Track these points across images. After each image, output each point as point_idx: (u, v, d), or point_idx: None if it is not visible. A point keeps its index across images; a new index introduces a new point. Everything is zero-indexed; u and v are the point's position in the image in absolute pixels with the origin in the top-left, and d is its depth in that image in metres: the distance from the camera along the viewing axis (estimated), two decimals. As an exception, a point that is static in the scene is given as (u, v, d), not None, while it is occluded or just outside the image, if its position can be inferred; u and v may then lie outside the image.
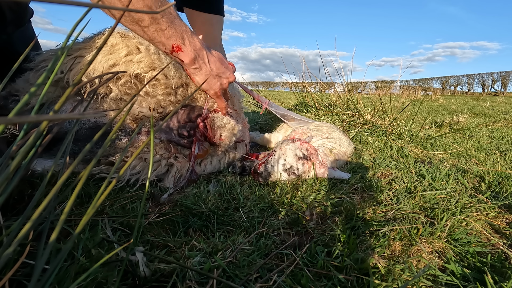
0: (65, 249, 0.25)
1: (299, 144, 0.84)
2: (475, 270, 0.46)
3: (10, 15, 0.78)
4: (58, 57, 0.28)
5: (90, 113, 0.15)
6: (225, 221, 0.59)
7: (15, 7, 0.79)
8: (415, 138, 1.34)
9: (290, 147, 0.83)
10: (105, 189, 0.27)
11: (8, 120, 0.12)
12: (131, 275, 0.41)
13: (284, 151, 0.82)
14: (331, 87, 2.39)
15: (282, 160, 0.81)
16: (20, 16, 0.84)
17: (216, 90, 0.77)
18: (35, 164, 0.66)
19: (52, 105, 0.75)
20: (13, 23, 0.82)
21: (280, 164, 0.80)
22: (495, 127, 1.89)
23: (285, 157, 0.81)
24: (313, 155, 0.83)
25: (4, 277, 0.30)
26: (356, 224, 0.57)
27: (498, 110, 3.31)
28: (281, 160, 0.81)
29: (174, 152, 0.80)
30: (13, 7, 0.78)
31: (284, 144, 0.84)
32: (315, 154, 0.84)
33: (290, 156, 0.81)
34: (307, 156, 0.82)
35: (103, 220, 0.53)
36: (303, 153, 0.82)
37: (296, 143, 0.84)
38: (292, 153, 0.81)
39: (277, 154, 0.82)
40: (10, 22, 0.80)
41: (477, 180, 0.86)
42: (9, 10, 0.77)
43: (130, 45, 0.74)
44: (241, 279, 0.42)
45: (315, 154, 0.84)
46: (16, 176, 0.24)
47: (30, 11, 0.90)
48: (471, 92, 14.45)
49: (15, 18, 0.81)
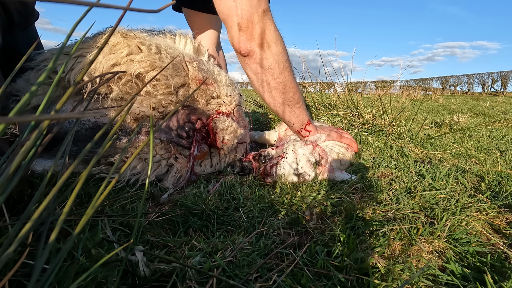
0: (65, 249, 0.25)
1: (312, 148, 0.83)
2: (475, 270, 0.46)
3: (18, 18, 0.79)
4: (59, 57, 0.28)
5: (90, 112, 0.15)
6: (225, 221, 0.59)
7: (22, 11, 0.79)
8: (415, 138, 1.34)
9: (304, 151, 0.81)
10: (104, 189, 0.27)
11: (8, 120, 0.12)
12: (131, 275, 0.41)
13: (297, 155, 0.81)
14: (331, 87, 2.39)
15: (295, 164, 0.79)
16: (26, 19, 0.84)
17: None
18: (35, 164, 0.66)
19: (52, 105, 0.75)
20: (19, 26, 0.82)
21: (292, 168, 0.79)
22: (495, 127, 1.89)
23: (298, 161, 0.80)
24: (323, 159, 0.82)
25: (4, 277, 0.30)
26: (356, 224, 0.57)
27: (498, 110, 3.31)
28: (294, 164, 0.79)
29: (174, 152, 0.80)
30: (20, 10, 0.78)
31: (297, 147, 0.83)
32: (325, 158, 0.83)
33: (303, 161, 0.80)
34: (319, 161, 0.81)
35: (103, 220, 0.53)
36: (316, 158, 0.81)
37: (309, 147, 0.83)
38: (306, 158, 0.80)
39: (290, 157, 0.81)
40: (17, 25, 0.80)
41: (477, 180, 0.86)
42: (17, 13, 0.77)
43: (131, 45, 0.74)
44: (241, 279, 0.42)
45: (325, 158, 0.83)
46: (16, 176, 0.24)
47: (36, 13, 0.90)
48: (471, 92, 14.46)
49: (21, 21, 0.82)
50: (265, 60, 0.79)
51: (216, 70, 0.88)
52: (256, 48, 0.78)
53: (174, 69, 0.78)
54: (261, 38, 0.76)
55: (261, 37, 0.76)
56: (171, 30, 0.94)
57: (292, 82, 0.86)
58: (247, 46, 0.77)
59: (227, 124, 0.80)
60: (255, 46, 0.77)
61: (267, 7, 0.75)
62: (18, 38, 0.85)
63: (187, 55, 0.84)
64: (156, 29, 0.92)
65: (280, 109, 0.90)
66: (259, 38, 0.76)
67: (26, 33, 0.88)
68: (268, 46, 0.78)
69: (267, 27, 0.76)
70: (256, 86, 0.88)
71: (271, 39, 0.78)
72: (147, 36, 0.78)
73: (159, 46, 0.77)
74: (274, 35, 0.78)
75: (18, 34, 0.85)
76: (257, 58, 0.79)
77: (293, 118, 0.93)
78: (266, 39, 0.77)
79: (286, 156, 0.81)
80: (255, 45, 0.77)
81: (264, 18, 0.75)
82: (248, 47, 0.77)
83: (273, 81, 0.83)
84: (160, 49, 0.77)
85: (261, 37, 0.76)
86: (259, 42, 0.77)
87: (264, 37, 0.76)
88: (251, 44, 0.77)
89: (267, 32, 0.76)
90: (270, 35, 0.77)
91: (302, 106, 0.93)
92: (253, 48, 0.78)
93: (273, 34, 0.78)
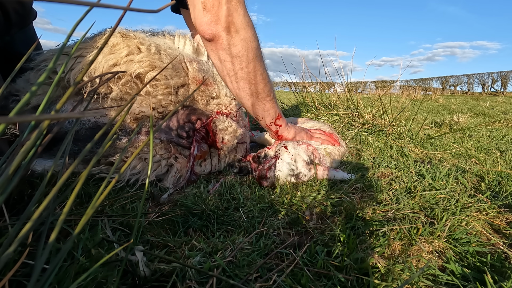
0: (65, 249, 0.25)
1: (306, 147, 0.82)
2: (475, 270, 0.46)
3: (15, 17, 0.79)
4: (59, 58, 0.28)
5: (90, 112, 0.15)
6: (225, 221, 0.59)
7: (20, 10, 0.79)
8: (415, 138, 1.34)
9: (298, 151, 0.80)
10: (104, 189, 0.27)
11: (8, 120, 0.12)
12: (131, 275, 0.41)
13: (292, 156, 0.80)
14: (331, 87, 2.39)
15: (291, 165, 0.78)
16: (24, 18, 0.84)
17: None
18: (35, 164, 0.66)
19: (52, 105, 0.75)
20: (17, 26, 0.82)
21: (288, 169, 0.78)
22: (495, 127, 1.89)
23: (293, 162, 0.79)
24: (316, 158, 0.82)
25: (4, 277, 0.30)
26: (356, 224, 0.57)
27: (498, 110, 3.31)
28: (290, 165, 0.79)
29: (174, 152, 0.80)
30: (18, 9, 0.78)
31: (290, 147, 0.82)
32: (318, 156, 0.83)
33: (299, 162, 0.79)
34: (313, 160, 0.81)
35: (103, 220, 0.53)
36: (309, 157, 0.80)
37: (302, 147, 0.82)
38: (301, 158, 0.79)
39: (284, 158, 0.80)
40: (15, 24, 0.80)
41: (477, 180, 0.86)
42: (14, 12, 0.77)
43: (131, 45, 0.74)
44: (241, 279, 0.42)
45: (318, 156, 0.83)
46: (16, 176, 0.24)
47: (34, 13, 0.90)
48: (471, 92, 14.47)
49: (19, 21, 0.82)
50: (232, 47, 0.72)
51: (215, 70, 0.88)
52: (222, 32, 0.69)
53: (174, 69, 0.78)
54: (227, 21, 0.68)
55: (228, 20, 0.68)
56: (170, 30, 0.94)
57: (263, 73, 0.79)
58: (212, 29, 0.69)
59: (227, 124, 0.80)
60: (220, 29, 0.69)
61: None
62: (16, 37, 0.85)
63: (186, 55, 0.84)
64: (155, 29, 0.92)
65: (248, 102, 0.83)
66: (225, 21, 0.68)
67: (24, 32, 0.88)
68: (236, 31, 0.70)
69: (235, 10, 0.68)
70: (222, 75, 0.80)
71: (240, 23, 0.69)
72: (146, 37, 0.78)
73: (158, 47, 0.77)
74: (243, 20, 0.70)
75: (16, 34, 0.85)
76: (223, 43, 0.71)
77: (262, 111, 0.86)
78: (234, 23, 0.69)
79: (281, 158, 0.80)
80: (221, 29, 0.69)
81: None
82: (213, 30, 0.69)
83: (241, 71, 0.76)
84: (160, 49, 0.77)
85: (228, 20, 0.68)
86: (225, 26, 0.68)
87: (231, 21, 0.68)
88: (216, 27, 0.68)
89: (235, 16, 0.68)
90: (238, 19, 0.69)
91: (272, 99, 0.86)
92: (219, 32, 0.69)
93: (242, 18, 0.69)
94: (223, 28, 0.69)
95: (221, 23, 0.68)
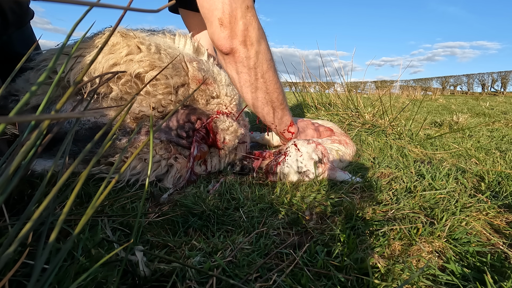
0: (65, 249, 0.25)
1: (315, 146, 0.82)
2: (475, 270, 0.46)
3: (12, 17, 0.78)
4: (59, 57, 0.28)
5: (90, 112, 0.15)
6: (225, 221, 0.59)
7: (17, 9, 0.79)
8: (415, 138, 1.34)
9: (307, 149, 0.81)
10: (104, 189, 0.27)
11: (8, 119, 0.12)
12: (131, 275, 0.41)
13: (301, 153, 0.80)
14: (331, 87, 2.39)
15: (299, 162, 0.79)
16: (21, 17, 0.84)
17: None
18: (35, 164, 0.66)
19: (52, 105, 0.75)
20: (14, 25, 0.82)
21: (296, 166, 0.79)
22: (495, 127, 1.89)
23: (302, 160, 0.79)
24: (325, 158, 0.82)
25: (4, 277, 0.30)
26: (356, 223, 0.57)
27: (498, 109, 3.31)
28: (298, 162, 0.79)
29: (174, 152, 0.80)
30: (14, 9, 0.78)
31: (300, 145, 0.82)
32: (327, 156, 0.83)
33: (306, 159, 0.79)
34: (321, 159, 0.81)
35: (103, 220, 0.53)
36: (318, 156, 0.81)
37: (312, 145, 0.82)
38: (309, 156, 0.80)
39: (293, 155, 0.80)
40: (12, 24, 0.80)
41: (477, 180, 0.86)
42: (11, 12, 0.77)
43: (131, 45, 0.74)
44: (241, 279, 0.42)
45: (327, 156, 0.83)
46: (16, 176, 0.24)
47: (30, 12, 0.90)
48: (471, 92, 14.47)
49: (16, 20, 0.81)
50: (249, 59, 0.76)
51: (215, 69, 0.88)
52: (238, 46, 0.73)
53: (174, 68, 0.78)
54: (244, 35, 0.72)
55: (244, 34, 0.72)
56: (171, 30, 0.94)
57: (277, 82, 0.83)
58: (229, 43, 0.73)
59: (228, 124, 0.80)
60: (237, 43, 0.73)
61: (251, 3, 0.72)
62: (14, 37, 0.85)
63: (186, 55, 0.84)
64: (155, 29, 0.92)
65: (263, 111, 0.88)
66: (242, 35, 0.72)
67: (21, 32, 0.88)
68: (252, 44, 0.74)
69: (251, 24, 0.72)
70: (237, 86, 0.84)
71: (255, 36, 0.74)
72: (146, 36, 0.78)
73: (158, 46, 0.77)
74: (258, 33, 0.74)
75: (13, 33, 0.85)
76: (240, 56, 0.75)
77: (276, 120, 0.90)
78: (250, 37, 0.73)
79: (289, 155, 0.81)
80: (238, 43, 0.73)
81: (247, 14, 0.71)
82: (230, 44, 0.73)
83: (256, 82, 0.80)
84: (160, 48, 0.77)
85: (244, 34, 0.72)
86: (241, 40, 0.73)
87: (247, 35, 0.73)
88: (233, 42, 0.73)
89: (250, 29, 0.72)
90: (253, 32, 0.73)
91: (285, 107, 0.90)
92: (236, 46, 0.73)
93: (257, 31, 0.74)
94: (240, 42, 0.73)
95: (238, 37, 0.72)
